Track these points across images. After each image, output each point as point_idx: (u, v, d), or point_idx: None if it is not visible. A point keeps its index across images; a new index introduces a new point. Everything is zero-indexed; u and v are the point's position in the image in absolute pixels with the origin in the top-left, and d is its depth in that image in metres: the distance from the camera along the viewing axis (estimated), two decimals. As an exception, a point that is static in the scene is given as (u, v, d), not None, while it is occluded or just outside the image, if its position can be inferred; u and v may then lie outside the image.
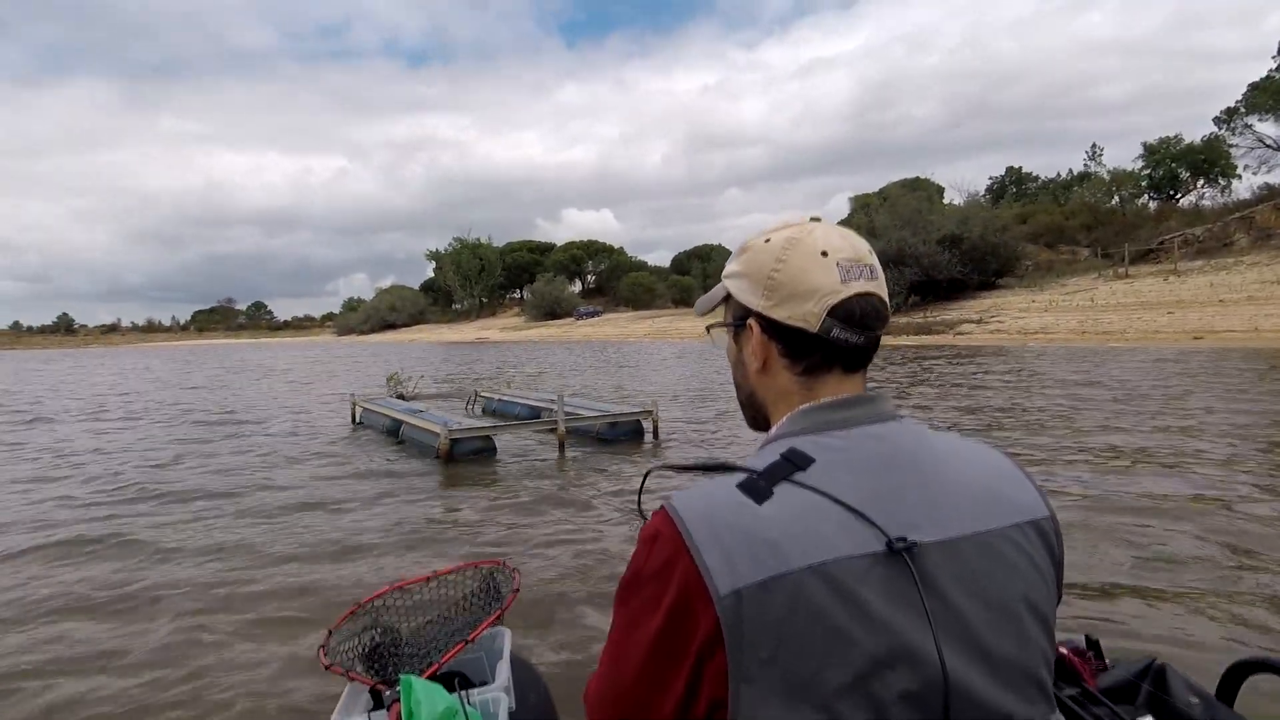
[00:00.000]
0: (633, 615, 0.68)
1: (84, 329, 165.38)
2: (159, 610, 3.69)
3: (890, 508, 0.66)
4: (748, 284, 0.79)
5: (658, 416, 8.38)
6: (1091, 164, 49.30)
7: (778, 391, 0.80)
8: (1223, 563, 3.71)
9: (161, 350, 70.19)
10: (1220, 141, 39.22)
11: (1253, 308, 21.34)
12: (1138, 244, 33.51)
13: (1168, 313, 23.03)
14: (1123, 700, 0.95)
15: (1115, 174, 45.39)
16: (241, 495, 6.13)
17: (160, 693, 2.85)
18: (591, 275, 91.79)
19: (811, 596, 0.61)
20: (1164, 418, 8.03)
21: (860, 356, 0.78)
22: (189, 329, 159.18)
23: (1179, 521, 4.39)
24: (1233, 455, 6.10)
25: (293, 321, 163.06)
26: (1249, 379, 11.29)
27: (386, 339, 76.38)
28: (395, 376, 11.67)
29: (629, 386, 15.30)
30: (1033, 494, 0.76)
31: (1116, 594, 3.36)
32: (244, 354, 47.54)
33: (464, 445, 7.30)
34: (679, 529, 0.65)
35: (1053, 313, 26.85)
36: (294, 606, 3.65)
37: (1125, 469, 5.78)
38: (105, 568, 4.35)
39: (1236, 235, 30.90)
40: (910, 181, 51.90)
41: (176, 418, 12.11)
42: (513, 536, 4.76)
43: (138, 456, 8.30)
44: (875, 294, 0.76)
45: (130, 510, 5.75)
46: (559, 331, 58.19)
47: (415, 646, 1.55)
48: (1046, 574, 0.72)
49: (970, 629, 0.65)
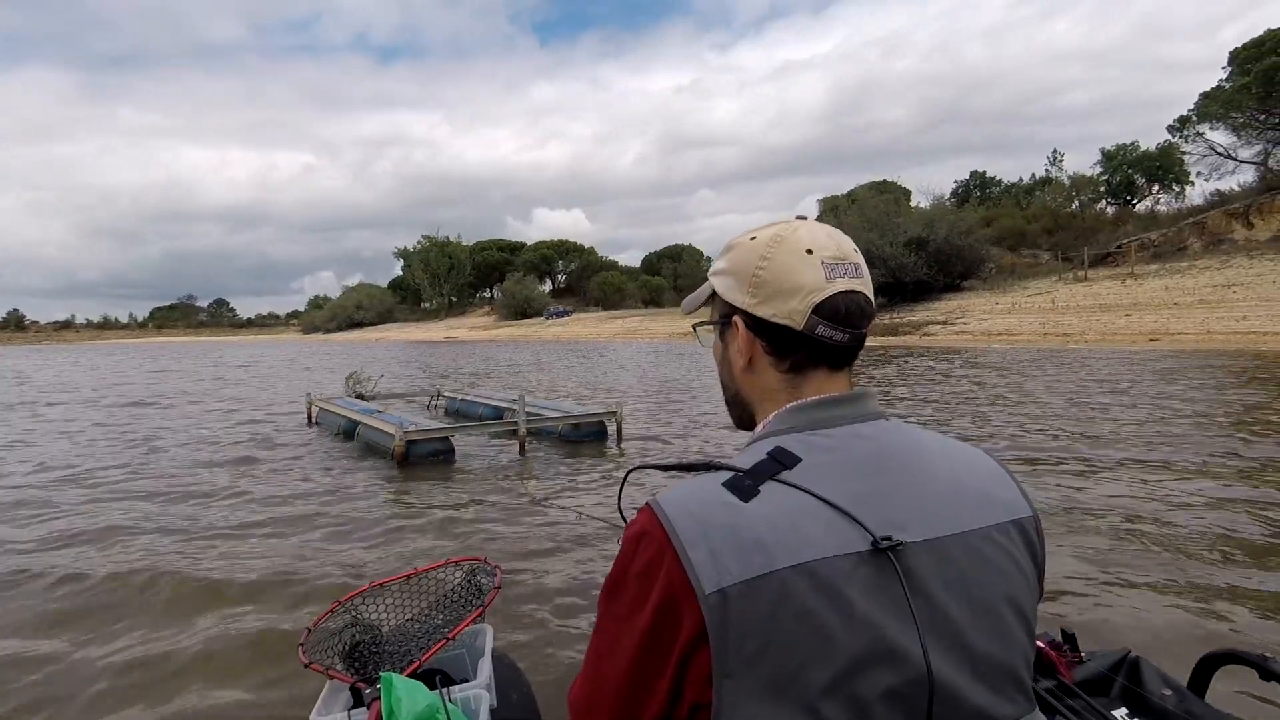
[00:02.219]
0: (619, 614, 0.68)
1: (35, 325, 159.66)
2: (124, 613, 3.54)
3: (876, 507, 0.66)
4: (733, 281, 0.79)
5: (621, 418, 8.24)
6: (1053, 169, 50.56)
7: (763, 389, 0.80)
8: (1193, 556, 3.74)
9: (116, 347, 67.91)
10: (1174, 149, 40.45)
11: (1204, 310, 21.98)
12: (1096, 247, 34.38)
13: (1125, 315, 23.61)
14: (1098, 692, 0.96)
15: (1075, 179, 46.59)
16: (166, 497, 5.82)
17: (133, 694, 2.77)
18: (562, 275, 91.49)
19: (797, 595, 0.61)
20: (1137, 413, 8.14)
21: (846, 354, 0.78)
22: (147, 326, 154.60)
23: (1152, 516, 4.42)
24: (1200, 451, 6.16)
25: (256, 319, 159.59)
26: (1213, 378, 11.55)
27: (353, 338, 75.04)
28: (354, 375, 11.27)
29: (595, 386, 15.13)
30: (1016, 493, 0.76)
31: (1090, 588, 3.39)
32: (196, 352, 46.20)
33: (421, 447, 7.06)
34: (665, 527, 0.65)
35: (1015, 315, 27.36)
36: (228, 615, 3.43)
37: (1100, 464, 5.81)
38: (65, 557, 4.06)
39: (1190, 240, 31.87)
40: (878, 184, 52.56)
41: (108, 418, 11.61)
42: (469, 543, 4.58)
43: (66, 453, 7.89)
44: (860, 292, 0.77)
45: (77, 511, 5.43)
46: (529, 331, 57.78)
47: (396, 644, 1.54)
48: (1029, 573, 0.73)
49: (954, 628, 0.65)
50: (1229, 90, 33.68)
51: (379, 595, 1.64)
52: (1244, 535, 4.05)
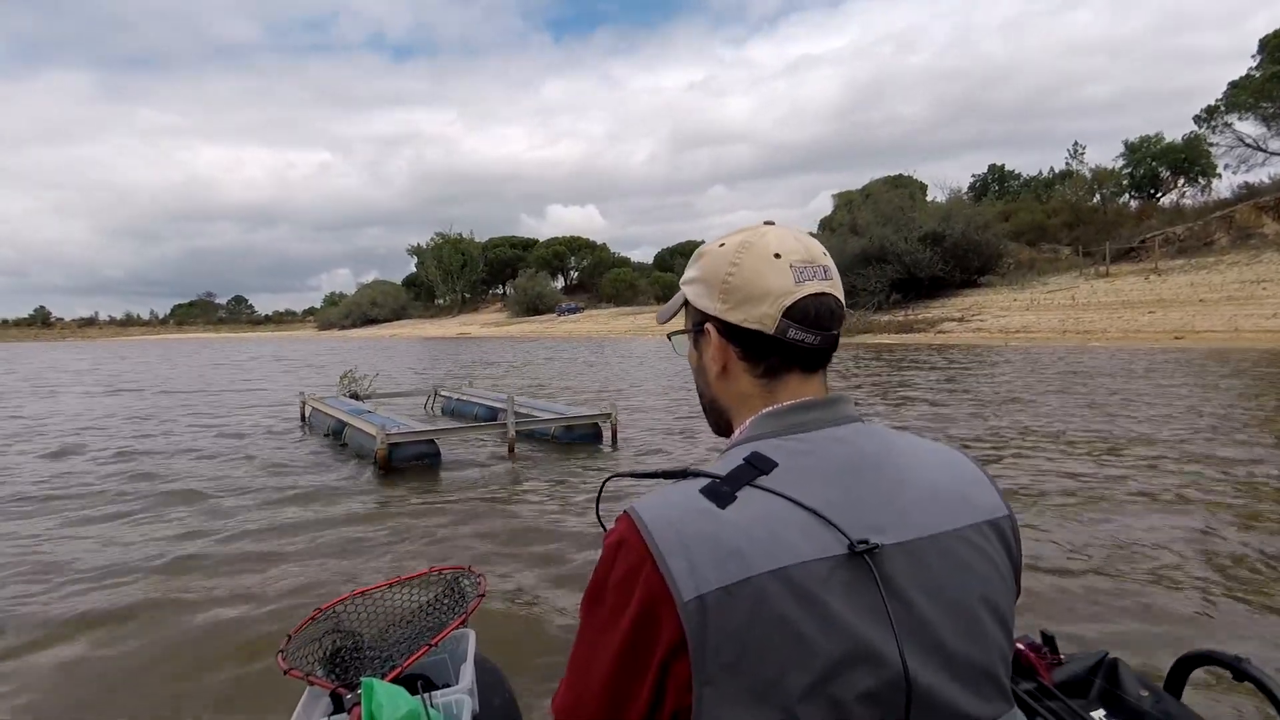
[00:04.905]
0: (599, 623, 0.68)
1: (60, 322, 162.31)
2: (93, 620, 3.42)
3: (852, 510, 0.66)
4: (704, 289, 0.79)
5: (616, 420, 7.91)
6: (1074, 162, 49.40)
7: (738, 395, 0.80)
8: (1171, 558, 3.73)
9: (136, 344, 68.67)
10: (1200, 140, 39.34)
11: (1232, 307, 21.27)
12: (1119, 243, 33.52)
13: (1149, 312, 22.92)
14: (1076, 694, 0.96)
15: (1097, 172, 45.48)
16: (131, 502, 5.58)
17: (103, 700, 2.73)
18: (574, 271, 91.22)
19: (774, 601, 0.61)
20: (1130, 413, 7.70)
21: (818, 357, 0.78)
22: (168, 323, 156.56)
23: (1133, 518, 4.38)
24: (1195, 451, 5.74)
25: (274, 316, 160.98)
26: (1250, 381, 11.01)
27: (368, 334, 75.40)
28: (349, 374, 10.92)
29: (598, 385, 14.82)
30: (992, 494, 0.76)
31: (1069, 589, 3.40)
32: (212, 350, 46.49)
33: (404, 451, 6.77)
34: (643, 536, 0.65)
35: (1034, 311, 26.71)
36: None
37: (1091, 468, 5.42)
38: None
39: (1217, 234, 30.95)
40: (893, 179, 51.74)
41: (105, 416, 11.47)
42: (451, 550, 4.35)
43: (38, 458, 7.71)
44: (830, 294, 0.77)
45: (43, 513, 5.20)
46: (540, 328, 57.70)
47: (378, 650, 1.52)
48: (1005, 573, 0.73)
49: (931, 630, 0.65)
50: (1259, 79, 32.66)
51: (361, 602, 1.62)
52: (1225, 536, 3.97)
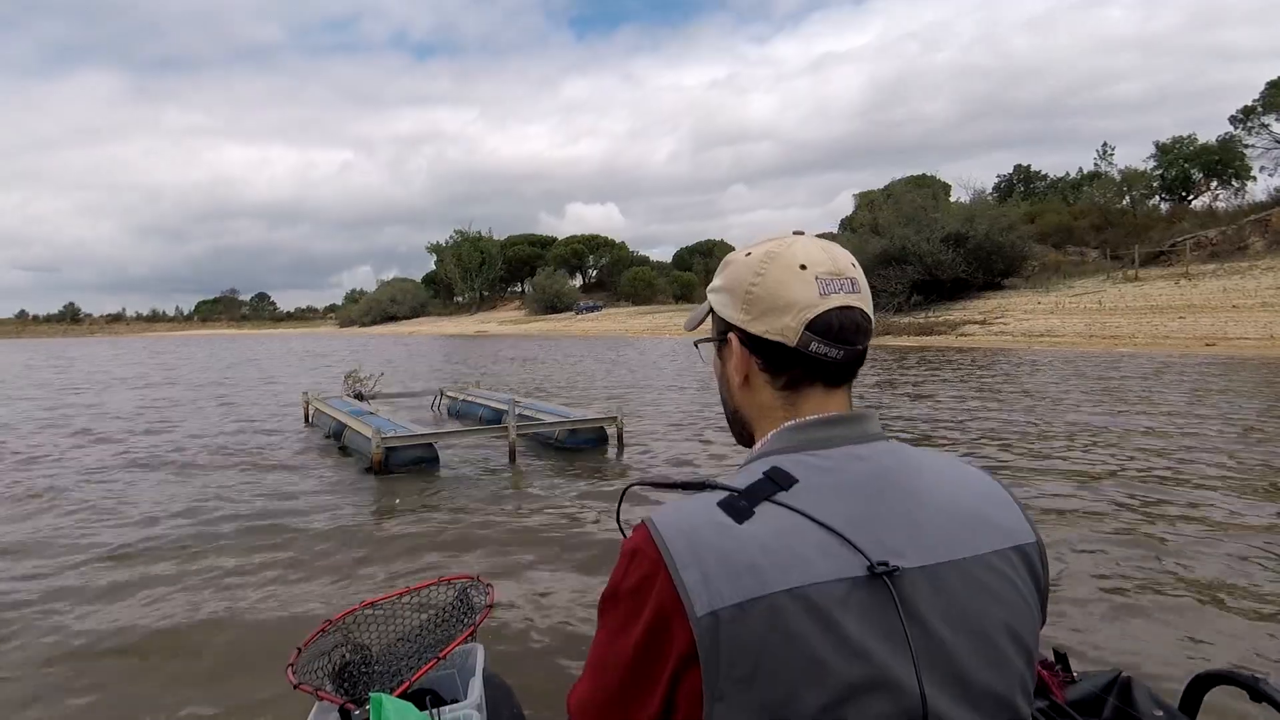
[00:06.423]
0: (613, 627, 0.68)
1: (89, 318, 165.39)
2: (92, 632, 3.35)
3: (873, 531, 0.65)
4: (728, 298, 0.79)
5: (623, 424, 7.69)
6: (1102, 163, 48.33)
7: (760, 407, 0.79)
8: (1189, 577, 3.63)
9: (163, 340, 69.72)
10: (1236, 141, 38.26)
11: (1267, 314, 20.49)
12: (1148, 246, 32.61)
13: (1179, 317, 22.19)
14: (1089, 713, 0.96)
15: (1126, 174, 44.38)
16: (128, 508, 5.46)
17: (113, 715, 2.68)
18: (593, 270, 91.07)
19: (789, 620, 0.60)
20: (1156, 422, 7.31)
21: (842, 371, 0.77)
22: (192, 319, 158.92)
23: (1149, 536, 4.24)
24: (1220, 473, 5.38)
25: (295, 313, 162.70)
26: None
27: (387, 331, 75.95)
28: (353, 374, 10.77)
29: (610, 385, 14.60)
30: (1019, 518, 0.74)
31: (1083, 608, 3.31)
32: (236, 346, 46.93)
33: (401, 455, 6.60)
34: (659, 546, 0.65)
35: (1059, 315, 26.01)
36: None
37: (1094, 480, 5.09)
38: None
39: (1251, 238, 29.97)
40: (916, 179, 50.90)
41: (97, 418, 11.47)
42: (451, 560, 4.20)
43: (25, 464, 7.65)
44: (857, 307, 0.75)
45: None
46: (559, 326, 57.62)
47: (386, 664, 1.52)
48: (1030, 600, 0.71)
49: (950, 657, 0.63)
50: (1298, 79, 31.63)
51: (370, 614, 1.61)
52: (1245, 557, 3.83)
